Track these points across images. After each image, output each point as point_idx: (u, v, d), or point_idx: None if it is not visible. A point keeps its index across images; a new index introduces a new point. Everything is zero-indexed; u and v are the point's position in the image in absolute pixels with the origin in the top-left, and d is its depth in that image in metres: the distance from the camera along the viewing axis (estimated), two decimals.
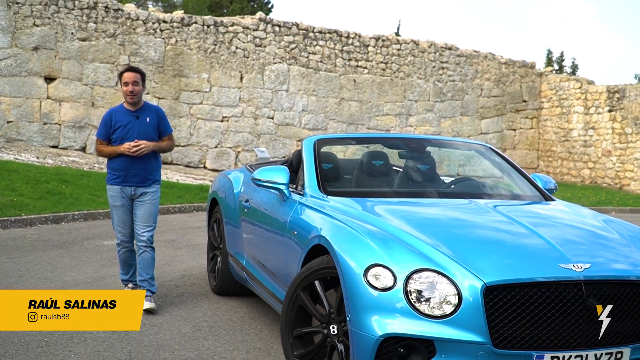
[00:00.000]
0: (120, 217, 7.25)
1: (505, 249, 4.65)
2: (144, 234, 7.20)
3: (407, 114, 27.06)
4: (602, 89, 28.31)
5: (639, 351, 4.46)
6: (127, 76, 7.12)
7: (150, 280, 7.23)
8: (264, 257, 6.44)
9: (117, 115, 7.18)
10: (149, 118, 7.19)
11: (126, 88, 7.09)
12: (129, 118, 7.14)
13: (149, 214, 7.23)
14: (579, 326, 4.27)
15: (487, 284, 4.22)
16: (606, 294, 4.37)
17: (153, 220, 7.29)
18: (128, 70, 7.25)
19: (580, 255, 4.55)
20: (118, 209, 7.23)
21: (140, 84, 7.15)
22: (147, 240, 7.20)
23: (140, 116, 7.16)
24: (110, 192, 7.27)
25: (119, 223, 7.28)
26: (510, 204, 5.97)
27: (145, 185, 7.20)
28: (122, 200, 7.19)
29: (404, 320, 4.25)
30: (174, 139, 7.55)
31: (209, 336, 6.25)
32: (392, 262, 4.39)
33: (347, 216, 5.16)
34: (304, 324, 4.98)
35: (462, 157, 7.97)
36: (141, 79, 7.18)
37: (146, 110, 7.25)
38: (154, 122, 7.21)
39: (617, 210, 22.02)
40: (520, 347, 4.20)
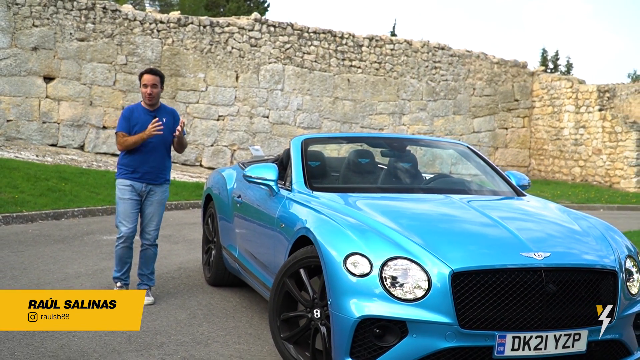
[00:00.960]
0: (126, 210, 7.29)
1: (472, 239, 5.08)
2: (150, 233, 7.41)
3: (401, 113, 27.47)
4: (592, 88, 28.74)
5: (596, 333, 4.88)
6: (147, 78, 7.31)
7: (150, 275, 7.47)
8: (255, 249, 6.86)
9: (136, 113, 7.36)
10: (165, 119, 7.35)
11: (145, 90, 7.30)
12: (147, 117, 7.30)
13: (157, 213, 7.42)
14: (539, 309, 4.70)
15: (454, 271, 4.65)
16: (564, 280, 4.80)
17: (160, 220, 7.49)
18: (148, 72, 7.41)
19: (541, 244, 4.98)
20: (125, 202, 7.29)
21: (159, 86, 7.35)
22: (153, 239, 7.43)
23: (157, 116, 7.31)
24: (120, 186, 7.34)
25: (124, 216, 7.30)
26: (483, 199, 6.40)
27: (156, 183, 7.36)
28: (130, 194, 7.29)
29: (379, 304, 4.67)
30: (186, 142, 7.73)
31: (203, 323, 6.67)
32: (369, 251, 4.82)
33: (330, 210, 5.59)
34: (290, 309, 5.40)
35: (452, 156, 8.37)
36: (160, 82, 7.38)
37: (163, 112, 7.45)
38: (170, 124, 7.37)
39: (605, 208, 22.44)
40: (484, 328, 4.62)
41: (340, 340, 4.76)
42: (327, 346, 5.03)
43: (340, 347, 4.77)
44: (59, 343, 5.84)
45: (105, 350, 5.71)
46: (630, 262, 5.32)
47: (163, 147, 7.43)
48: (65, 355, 5.53)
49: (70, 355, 5.54)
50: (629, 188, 27.15)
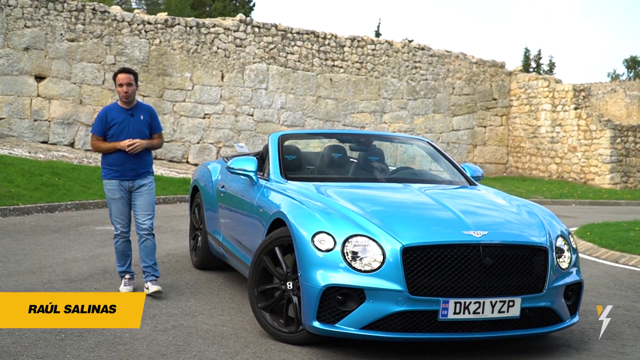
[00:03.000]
0: (119, 209, 7.59)
1: (421, 220, 5.91)
2: (145, 222, 7.61)
3: (382, 111, 28.28)
4: (568, 87, 29.63)
5: (528, 301, 5.70)
6: (122, 77, 7.52)
7: (154, 265, 7.66)
8: (237, 233, 7.65)
9: (112, 113, 7.58)
10: (142, 116, 7.62)
11: (121, 89, 7.51)
12: (123, 116, 7.56)
13: (148, 202, 7.65)
14: (477, 279, 5.51)
15: (405, 246, 5.47)
16: (500, 254, 5.62)
17: (152, 209, 7.71)
18: (122, 71, 7.61)
19: (480, 224, 5.81)
20: (117, 202, 7.57)
21: (134, 84, 7.57)
22: (149, 228, 7.64)
23: (134, 114, 7.59)
24: (108, 187, 7.60)
25: (118, 215, 7.61)
26: (437, 188, 7.24)
27: (141, 177, 7.62)
28: (120, 193, 7.55)
29: (341, 274, 5.49)
30: (163, 137, 7.98)
31: (190, 299, 7.46)
32: (333, 230, 5.64)
33: (302, 196, 6.41)
34: (267, 282, 6.21)
35: (415, 151, 9.21)
36: (134, 80, 7.59)
37: (139, 109, 7.69)
38: (147, 120, 7.65)
39: (577, 203, 23.35)
40: (430, 294, 5.44)
41: (308, 306, 5.57)
42: (298, 313, 5.84)
43: (308, 312, 5.58)
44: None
45: None
46: (562, 241, 6.16)
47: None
48: (65, 329, 6.29)
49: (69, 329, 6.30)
50: (603, 184, 28.05)
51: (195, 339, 6.01)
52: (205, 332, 6.25)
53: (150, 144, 7.68)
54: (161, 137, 7.90)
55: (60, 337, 5.89)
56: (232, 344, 5.93)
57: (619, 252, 11.72)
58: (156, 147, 7.85)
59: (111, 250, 9.81)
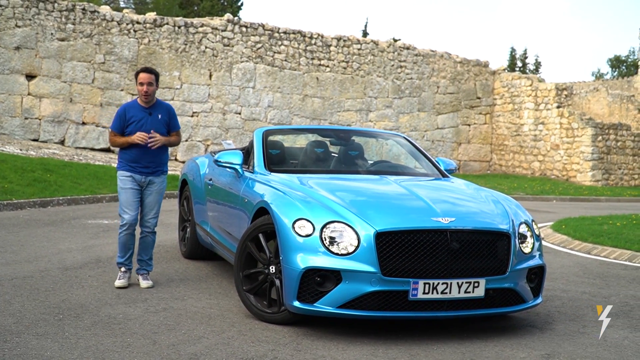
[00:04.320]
0: (128, 198, 7.72)
1: (394, 207, 6.37)
2: (150, 221, 7.89)
3: (367, 110, 28.75)
4: (551, 86, 30.18)
5: (492, 282, 6.17)
6: (143, 77, 7.66)
7: (149, 260, 7.90)
8: (224, 222, 8.10)
9: (131, 110, 7.72)
10: (160, 115, 7.78)
11: (141, 88, 7.65)
12: (142, 114, 7.71)
13: (156, 202, 7.89)
14: (445, 262, 5.98)
15: (378, 231, 5.93)
16: (466, 239, 6.09)
17: (159, 208, 7.97)
18: (144, 71, 7.75)
19: (448, 211, 6.28)
20: (127, 191, 7.73)
21: (154, 84, 7.72)
22: (152, 227, 7.91)
23: (152, 113, 7.74)
24: (121, 177, 7.76)
25: (127, 204, 7.73)
26: (411, 179, 7.70)
27: (155, 175, 7.83)
28: (131, 184, 7.73)
29: (320, 258, 5.95)
30: (181, 135, 8.13)
31: (180, 285, 7.91)
32: (312, 216, 6.10)
33: (284, 186, 6.87)
34: (251, 267, 6.66)
35: (392, 145, 9.71)
36: (155, 80, 7.74)
37: (158, 108, 7.83)
38: (165, 119, 7.82)
39: (558, 199, 23.86)
40: (401, 276, 5.90)
41: (289, 287, 6.03)
42: (280, 295, 6.30)
43: (289, 292, 6.04)
44: (61, 298, 7.04)
45: (100, 303, 6.92)
46: (525, 228, 6.63)
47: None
48: (67, 307, 6.72)
49: (71, 307, 6.73)
50: (584, 181, 28.59)
51: (185, 320, 6.46)
52: (194, 313, 6.70)
53: (168, 141, 7.85)
54: (179, 135, 8.06)
55: (59, 317, 6.34)
56: (219, 323, 6.39)
57: (592, 244, 12.19)
58: (173, 144, 8.04)
59: (104, 242, 10.31)
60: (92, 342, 5.67)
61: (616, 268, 10.33)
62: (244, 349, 5.65)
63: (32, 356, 5.26)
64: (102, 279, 7.98)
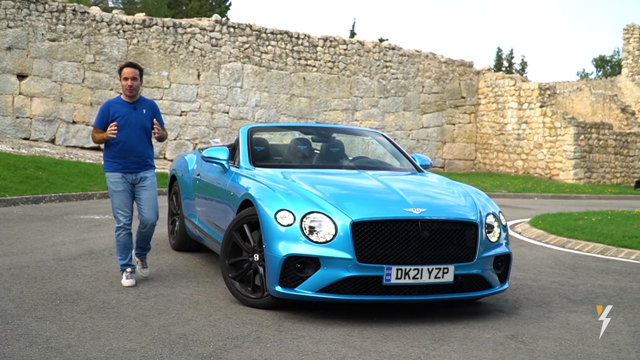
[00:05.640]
0: (122, 201, 7.74)
1: (370, 199, 6.83)
2: (151, 218, 7.88)
3: (354, 109, 29.22)
4: (534, 86, 30.70)
5: (461, 268, 6.63)
6: (127, 72, 7.67)
7: (146, 246, 8.08)
8: (211, 215, 8.55)
9: (115, 106, 7.72)
10: (145, 110, 7.80)
11: (125, 82, 7.65)
12: (127, 109, 7.71)
13: (152, 197, 7.89)
14: (416, 249, 6.44)
15: (354, 221, 6.39)
16: (436, 228, 6.55)
17: (156, 202, 7.94)
18: (127, 66, 7.76)
19: (420, 203, 6.74)
20: (120, 194, 7.74)
21: (139, 79, 7.73)
22: (154, 224, 7.94)
23: (137, 108, 7.75)
24: (111, 179, 7.75)
25: (121, 207, 7.75)
26: (388, 174, 8.16)
27: (145, 170, 7.84)
28: (123, 186, 7.73)
29: (300, 246, 6.40)
30: (166, 130, 8.12)
31: (169, 274, 8.34)
32: (293, 207, 6.56)
33: (268, 180, 7.32)
34: (236, 255, 7.12)
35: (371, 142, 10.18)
36: (139, 75, 7.76)
37: (142, 103, 7.84)
38: (149, 114, 7.82)
39: (539, 197, 24.35)
40: (375, 262, 6.36)
41: (272, 273, 6.49)
42: (263, 282, 6.75)
43: (272, 278, 6.50)
44: (57, 285, 7.48)
45: (94, 291, 7.36)
46: (492, 219, 7.10)
47: (145, 137, 7.85)
48: (63, 294, 7.15)
49: (67, 294, 7.16)
50: (567, 180, 29.11)
51: (174, 304, 6.91)
52: (183, 299, 7.15)
53: (161, 135, 7.92)
54: (164, 130, 8.05)
55: (56, 302, 6.77)
56: (206, 308, 6.83)
57: (566, 238, 12.65)
58: (165, 137, 8.08)
59: (96, 235, 10.73)
60: (88, 324, 6.10)
61: (588, 260, 10.80)
62: (229, 330, 6.09)
63: (33, 336, 5.68)
64: (96, 269, 8.41)
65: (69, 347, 5.46)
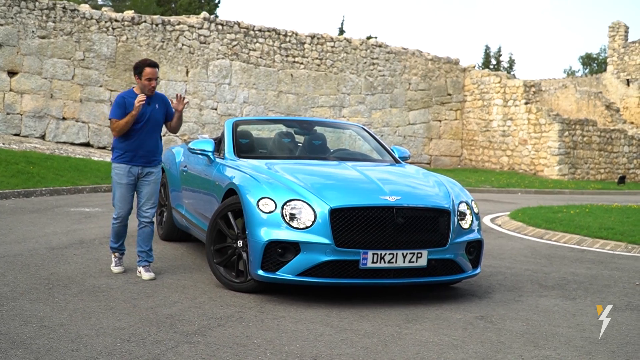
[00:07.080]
0: (123, 194, 7.86)
1: (347, 188, 7.19)
2: (148, 211, 7.99)
3: (341, 106, 29.57)
4: (519, 83, 31.09)
5: (434, 253, 6.99)
6: (151, 72, 7.75)
7: (149, 251, 7.97)
8: (197, 204, 8.89)
9: (130, 100, 7.75)
10: (157, 105, 7.92)
11: (149, 83, 7.73)
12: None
13: (153, 192, 7.98)
14: (391, 235, 6.79)
15: (332, 208, 6.75)
16: (410, 215, 6.91)
17: (156, 199, 8.06)
18: (150, 65, 7.81)
19: (395, 191, 7.10)
20: (122, 187, 7.83)
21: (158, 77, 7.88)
22: (150, 217, 8.01)
23: (151, 103, 7.85)
24: (117, 170, 7.82)
25: (121, 200, 7.87)
26: (366, 165, 8.52)
27: (152, 165, 7.94)
28: (127, 179, 7.82)
29: (281, 231, 6.76)
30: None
31: (157, 262, 8.67)
32: (274, 195, 6.91)
33: (251, 170, 7.67)
34: (221, 242, 7.46)
35: (351, 135, 10.55)
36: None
37: (155, 98, 7.92)
38: (162, 108, 7.98)
39: (523, 192, 24.72)
40: (352, 247, 6.71)
41: (254, 258, 6.84)
42: (246, 267, 7.10)
43: (254, 263, 6.85)
44: (49, 271, 7.80)
45: (85, 276, 7.69)
46: (465, 207, 7.46)
47: (157, 131, 7.97)
48: (55, 279, 7.48)
49: (59, 279, 7.48)
50: (551, 175, 29.50)
51: (162, 288, 7.25)
52: (170, 284, 7.50)
53: (181, 113, 8.10)
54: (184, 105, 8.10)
55: (49, 287, 7.10)
56: (192, 291, 7.18)
57: (544, 230, 13.01)
58: (178, 128, 8.26)
59: (86, 226, 11.06)
60: (80, 306, 6.44)
61: (563, 250, 11.17)
62: (213, 311, 6.44)
63: (27, 316, 6.01)
64: (86, 257, 8.74)
65: (61, 325, 5.80)
